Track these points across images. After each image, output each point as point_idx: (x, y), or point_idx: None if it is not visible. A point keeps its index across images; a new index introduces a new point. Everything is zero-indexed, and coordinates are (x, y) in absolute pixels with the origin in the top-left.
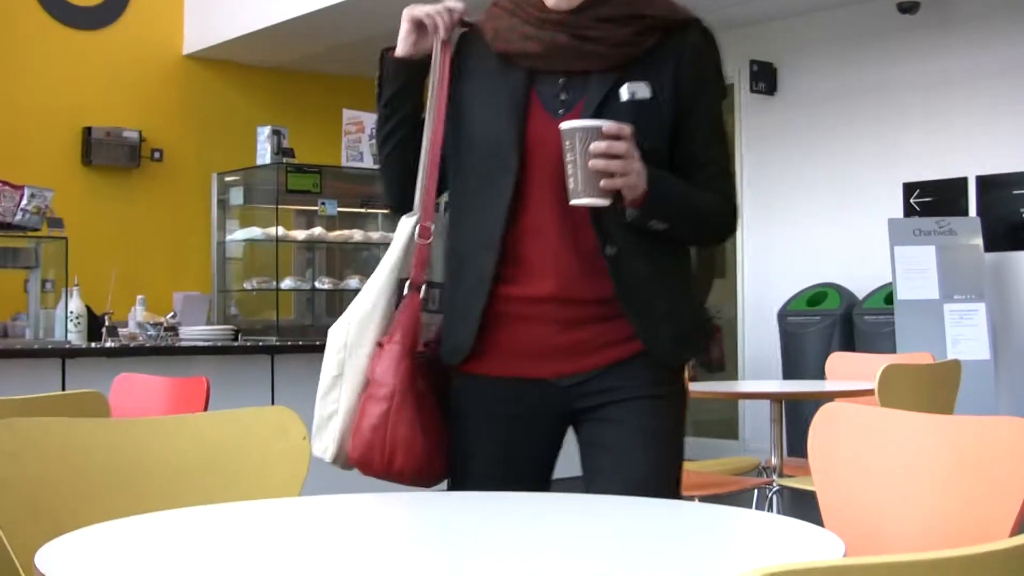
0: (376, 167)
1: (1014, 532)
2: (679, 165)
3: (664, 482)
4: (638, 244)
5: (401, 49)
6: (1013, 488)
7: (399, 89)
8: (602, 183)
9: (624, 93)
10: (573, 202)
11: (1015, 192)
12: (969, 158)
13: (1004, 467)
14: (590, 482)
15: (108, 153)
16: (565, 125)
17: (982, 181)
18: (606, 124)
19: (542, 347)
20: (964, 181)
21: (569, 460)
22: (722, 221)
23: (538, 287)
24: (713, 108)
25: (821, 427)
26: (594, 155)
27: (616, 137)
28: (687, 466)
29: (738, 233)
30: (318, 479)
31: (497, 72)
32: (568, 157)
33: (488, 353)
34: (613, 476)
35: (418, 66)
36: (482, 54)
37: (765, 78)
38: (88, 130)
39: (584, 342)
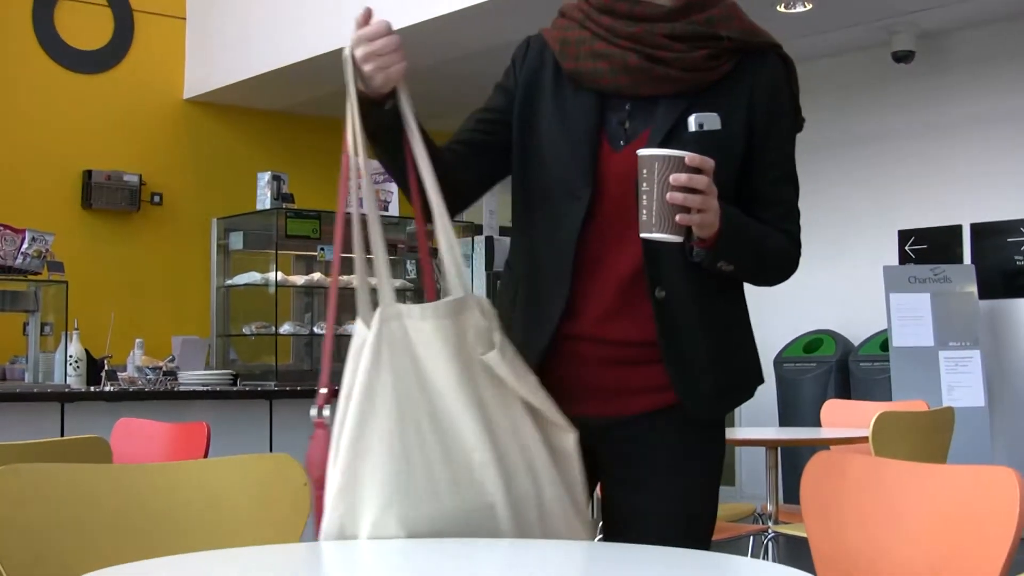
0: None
1: None
2: (744, 202)
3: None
4: (692, 287)
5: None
6: (1001, 537)
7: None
8: (678, 218)
9: (692, 124)
10: (644, 235)
11: (1009, 240)
12: (964, 206)
13: (992, 516)
14: (610, 537)
15: (108, 197)
16: (644, 152)
17: (976, 229)
18: (689, 155)
19: (577, 385)
20: (959, 228)
21: None
22: (786, 263)
23: (581, 324)
24: (786, 144)
25: (813, 475)
26: (674, 187)
27: (698, 170)
28: None
29: None
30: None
31: (568, 91)
32: (644, 187)
33: None
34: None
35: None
36: (549, 68)
37: None
38: (88, 173)
39: (617, 385)
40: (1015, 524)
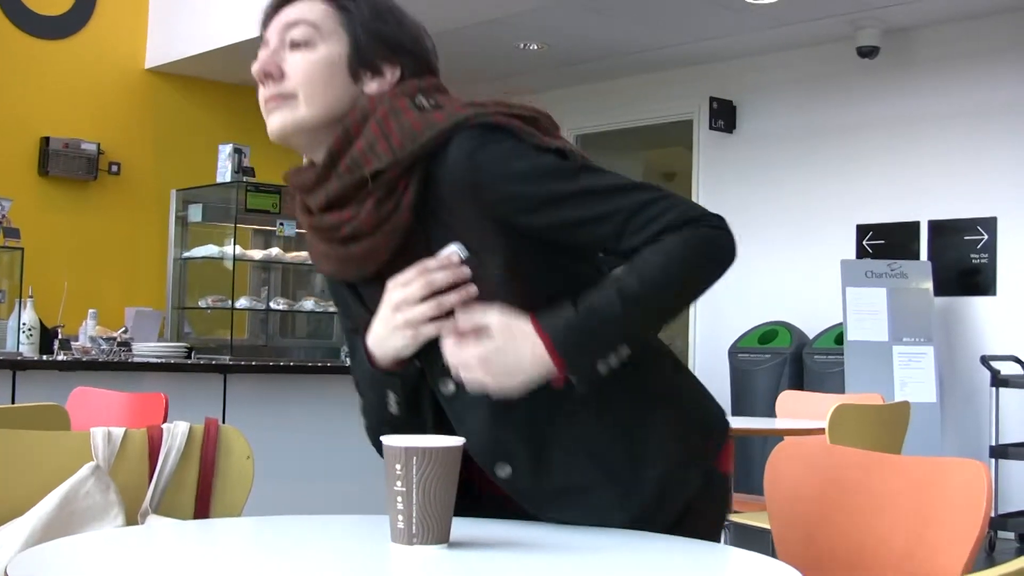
0: None
1: (966, 572)
2: (588, 269)
3: None
4: (547, 440)
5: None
6: (967, 529)
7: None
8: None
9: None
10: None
11: (966, 237)
12: (922, 202)
13: (959, 508)
14: None
15: (65, 164)
16: (390, 443)
17: (934, 225)
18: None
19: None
20: (916, 225)
21: None
22: (698, 254)
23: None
24: (556, 196)
25: (778, 463)
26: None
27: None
28: None
29: None
30: (261, 499)
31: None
32: (398, 486)
33: None
34: None
35: None
36: None
37: (724, 116)
38: (46, 140)
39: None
40: (982, 517)
